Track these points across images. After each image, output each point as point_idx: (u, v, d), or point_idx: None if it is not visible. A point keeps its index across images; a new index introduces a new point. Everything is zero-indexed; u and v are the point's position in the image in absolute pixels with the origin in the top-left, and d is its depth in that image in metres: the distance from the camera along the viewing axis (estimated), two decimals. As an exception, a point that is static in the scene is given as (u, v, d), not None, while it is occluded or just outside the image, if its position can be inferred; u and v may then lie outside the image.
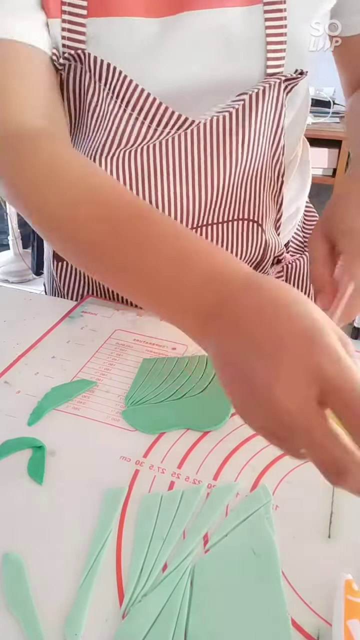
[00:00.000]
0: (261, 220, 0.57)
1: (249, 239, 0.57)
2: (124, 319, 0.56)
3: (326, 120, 2.01)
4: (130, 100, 0.46)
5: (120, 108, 0.47)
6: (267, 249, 0.58)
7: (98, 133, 0.50)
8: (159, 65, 0.47)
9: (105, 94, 0.47)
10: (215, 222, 0.55)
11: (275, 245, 0.60)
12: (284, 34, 0.47)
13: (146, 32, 0.45)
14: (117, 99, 0.47)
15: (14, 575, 0.31)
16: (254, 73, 0.48)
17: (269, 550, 0.32)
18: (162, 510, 0.34)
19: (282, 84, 0.49)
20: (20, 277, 2.53)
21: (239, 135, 0.50)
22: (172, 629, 0.28)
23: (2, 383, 0.47)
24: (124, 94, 0.46)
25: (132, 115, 0.47)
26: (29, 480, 0.37)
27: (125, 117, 0.47)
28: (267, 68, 0.48)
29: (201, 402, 0.43)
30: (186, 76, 0.47)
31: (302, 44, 0.48)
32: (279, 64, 0.48)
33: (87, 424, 0.42)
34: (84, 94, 0.49)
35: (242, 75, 0.48)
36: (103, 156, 0.50)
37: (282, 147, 0.53)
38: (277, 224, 0.60)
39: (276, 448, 0.30)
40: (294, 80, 0.49)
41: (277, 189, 0.57)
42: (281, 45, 0.47)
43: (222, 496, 0.35)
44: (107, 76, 0.46)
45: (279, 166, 0.55)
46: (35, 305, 0.60)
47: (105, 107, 0.48)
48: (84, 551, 0.32)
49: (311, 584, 0.30)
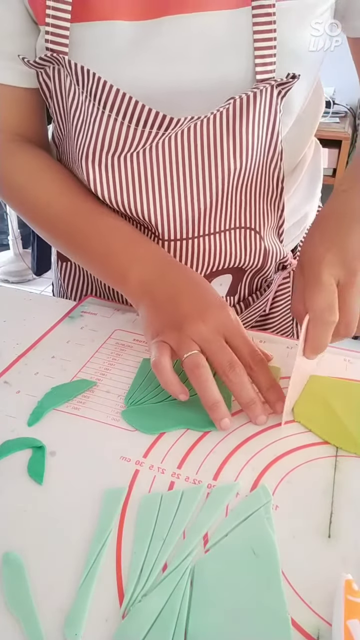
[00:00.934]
0: (259, 228, 0.56)
1: (247, 247, 0.56)
2: (124, 319, 0.56)
3: (326, 120, 2.01)
4: (107, 102, 0.46)
5: (98, 110, 0.47)
6: (267, 257, 0.57)
7: (81, 136, 0.50)
8: (142, 69, 0.46)
9: (84, 97, 0.47)
10: (211, 233, 0.54)
11: (278, 252, 0.59)
12: (274, 38, 0.46)
13: (128, 36, 0.45)
14: (95, 101, 0.46)
15: (14, 575, 0.31)
16: (242, 77, 0.47)
17: (269, 550, 0.32)
18: (162, 510, 0.34)
19: (274, 89, 0.48)
20: (20, 277, 2.53)
21: (231, 141, 0.49)
22: (172, 629, 0.28)
23: (2, 383, 0.47)
24: (100, 96, 0.46)
25: (111, 117, 0.47)
26: (29, 480, 0.37)
27: (104, 119, 0.47)
28: (256, 73, 0.47)
29: (201, 402, 0.43)
30: (170, 80, 0.47)
31: (296, 47, 0.47)
32: (269, 69, 0.47)
33: (87, 424, 0.42)
34: (66, 97, 0.50)
35: (229, 80, 0.47)
36: (89, 161, 0.49)
37: (279, 153, 0.52)
38: (280, 230, 0.59)
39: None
40: (286, 84, 0.47)
41: (276, 195, 0.56)
42: (270, 50, 0.46)
43: (222, 496, 0.35)
44: (84, 79, 0.46)
45: (277, 172, 0.54)
46: (35, 305, 0.60)
47: (85, 109, 0.48)
48: (84, 551, 0.32)
49: (311, 584, 0.30)
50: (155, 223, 0.52)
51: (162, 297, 0.46)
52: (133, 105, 0.45)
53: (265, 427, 0.41)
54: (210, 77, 0.47)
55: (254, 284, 0.61)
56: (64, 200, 0.52)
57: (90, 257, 0.52)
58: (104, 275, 0.52)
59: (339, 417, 0.42)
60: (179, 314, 0.44)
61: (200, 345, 0.42)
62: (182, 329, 0.43)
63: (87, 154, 0.49)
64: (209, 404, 0.40)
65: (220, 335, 0.43)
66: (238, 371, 0.41)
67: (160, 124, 0.46)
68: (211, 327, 0.43)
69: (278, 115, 0.50)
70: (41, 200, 0.53)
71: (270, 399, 0.42)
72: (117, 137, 0.48)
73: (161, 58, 0.46)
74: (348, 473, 0.38)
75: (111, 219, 0.52)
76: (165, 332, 0.44)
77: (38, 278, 2.43)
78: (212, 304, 0.45)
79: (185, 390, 0.42)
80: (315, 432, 0.41)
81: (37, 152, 0.55)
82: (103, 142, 0.48)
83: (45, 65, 0.48)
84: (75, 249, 0.53)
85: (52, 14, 0.45)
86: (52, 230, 0.54)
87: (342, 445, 0.40)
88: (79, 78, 0.46)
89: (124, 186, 0.50)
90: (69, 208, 0.52)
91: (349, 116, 2.13)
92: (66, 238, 0.53)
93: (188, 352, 0.42)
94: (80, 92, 0.47)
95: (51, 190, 0.53)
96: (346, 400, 0.44)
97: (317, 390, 0.45)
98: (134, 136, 0.47)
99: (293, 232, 0.65)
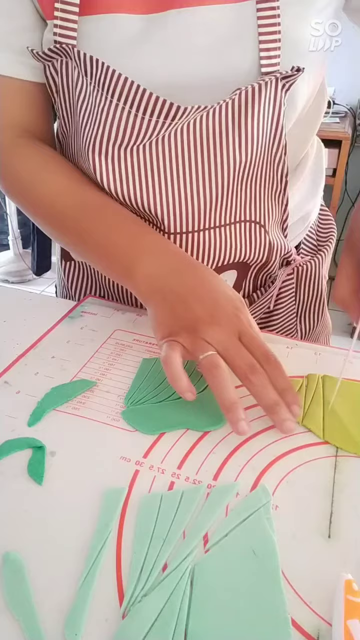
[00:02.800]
0: (264, 222, 0.56)
1: (251, 241, 0.56)
2: (124, 319, 0.56)
3: (326, 120, 2.00)
4: (116, 90, 0.46)
5: (106, 99, 0.47)
6: (272, 251, 0.58)
7: (88, 127, 0.50)
8: (146, 61, 0.47)
9: (92, 88, 0.48)
10: (215, 226, 0.54)
11: (282, 246, 0.59)
12: (278, 31, 0.46)
13: (134, 29, 0.46)
14: (103, 90, 0.47)
15: (14, 575, 0.31)
16: (247, 70, 0.47)
17: (269, 550, 0.32)
18: (162, 511, 0.34)
19: (279, 82, 0.48)
20: (20, 277, 2.53)
21: (237, 133, 0.49)
22: (172, 629, 0.28)
23: (2, 383, 0.47)
24: (109, 84, 0.46)
25: (119, 105, 0.47)
26: (29, 480, 0.37)
27: (112, 107, 0.47)
28: (261, 66, 0.47)
29: (201, 402, 0.43)
30: (174, 73, 0.47)
31: (299, 41, 0.47)
32: (273, 62, 0.47)
33: (87, 424, 0.42)
34: (73, 89, 0.50)
35: (234, 73, 0.47)
36: (96, 153, 0.49)
37: (283, 146, 0.53)
38: (284, 225, 0.59)
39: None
40: (291, 77, 0.48)
41: (280, 189, 0.56)
42: (275, 43, 0.46)
43: (222, 496, 0.35)
44: (92, 69, 0.46)
45: (281, 166, 0.54)
46: (35, 305, 0.60)
47: (93, 100, 0.48)
48: (84, 551, 0.32)
49: (311, 584, 0.30)
50: (160, 216, 0.52)
51: (173, 297, 0.44)
52: (141, 93, 0.46)
53: (265, 427, 0.41)
54: (215, 70, 0.47)
55: (259, 279, 0.61)
56: (70, 194, 0.52)
57: (95, 251, 0.51)
58: (110, 270, 0.51)
59: (339, 417, 0.42)
60: (191, 316, 0.43)
61: (218, 349, 0.42)
62: (197, 332, 0.42)
63: (94, 145, 0.49)
64: (227, 404, 0.39)
65: (236, 337, 0.42)
66: (259, 374, 0.40)
67: (167, 113, 0.46)
68: (226, 330, 0.42)
69: (282, 108, 0.50)
70: (47, 196, 0.53)
71: (286, 401, 0.40)
72: (124, 127, 0.48)
73: (166, 51, 0.46)
74: (348, 473, 0.38)
75: (118, 212, 0.51)
76: (180, 333, 0.43)
77: (38, 278, 2.43)
78: (225, 306, 0.43)
79: (193, 389, 0.41)
80: (315, 432, 0.41)
81: (43, 147, 0.55)
82: (110, 132, 0.48)
83: (53, 58, 0.48)
84: (80, 244, 0.52)
85: (61, 8, 0.46)
86: (57, 226, 0.53)
87: (342, 445, 0.40)
88: (87, 68, 0.46)
89: (130, 178, 0.50)
90: (75, 202, 0.51)
91: (349, 116, 2.13)
92: (72, 233, 0.52)
93: (205, 353, 0.41)
94: (88, 83, 0.48)
95: (57, 185, 0.53)
96: (346, 400, 0.44)
97: (317, 390, 0.45)
98: (141, 126, 0.47)
99: (296, 229, 0.66)
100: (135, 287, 0.48)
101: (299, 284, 0.65)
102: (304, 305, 0.67)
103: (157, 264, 0.47)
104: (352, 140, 2.07)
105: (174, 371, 0.41)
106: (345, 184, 2.24)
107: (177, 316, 0.44)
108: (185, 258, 0.48)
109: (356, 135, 2.17)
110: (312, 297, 0.67)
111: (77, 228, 0.51)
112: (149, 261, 0.47)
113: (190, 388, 0.41)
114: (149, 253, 0.47)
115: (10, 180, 0.55)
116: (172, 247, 0.49)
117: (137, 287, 0.47)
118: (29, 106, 0.55)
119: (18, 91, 0.53)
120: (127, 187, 0.51)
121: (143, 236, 0.49)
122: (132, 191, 0.51)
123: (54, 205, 0.52)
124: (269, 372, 0.41)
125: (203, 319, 0.43)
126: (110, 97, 0.47)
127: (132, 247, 0.48)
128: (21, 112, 0.55)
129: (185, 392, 0.41)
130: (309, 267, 0.65)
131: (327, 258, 0.68)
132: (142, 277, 0.47)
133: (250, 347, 0.42)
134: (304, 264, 0.64)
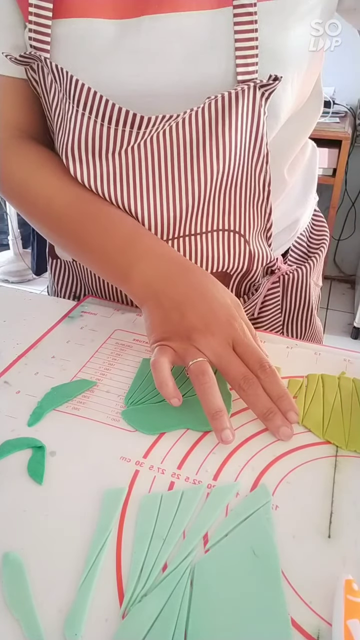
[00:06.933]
0: (244, 231, 0.55)
1: (230, 251, 0.55)
2: (124, 319, 0.56)
3: (326, 120, 2.00)
4: (80, 100, 0.46)
5: (74, 109, 0.47)
6: (252, 260, 0.56)
7: (61, 134, 0.50)
8: (121, 69, 0.46)
9: (61, 95, 0.48)
10: (193, 234, 0.53)
11: (264, 255, 0.57)
12: (255, 38, 0.45)
13: (108, 35, 0.46)
14: (70, 99, 0.47)
15: (14, 575, 0.31)
16: (222, 78, 0.46)
17: (269, 550, 0.32)
18: (162, 511, 0.34)
19: (257, 90, 0.47)
20: (20, 277, 2.53)
21: (213, 142, 0.48)
22: (172, 629, 0.28)
23: (2, 383, 0.47)
24: (74, 94, 0.46)
25: (85, 115, 0.47)
26: (29, 480, 0.37)
27: (79, 117, 0.47)
28: (237, 74, 0.46)
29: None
30: (149, 80, 0.46)
31: (278, 50, 0.46)
32: (250, 69, 0.46)
33: (87, 424, 0.42)
34: (48, 94, 0.50)
35: (209, 81, 0.46)
36: (69, 159, 0.49)
37: (264, 156, 0.51)
38: (267, 234, 0.57)
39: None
40: (269, 86, 0.47)
41: (263, 198, 0.54)
42: (252, 51, 0.45)
43: (222, 496, 0.35)
44: (60, 78, 0.46)
45: (263, 175, 0.52)
46: (35, 305, 0.60)
47: (63, 107, 0.48)
48: (84, 551, 0.32)
49: (311, 584, 0.30)
50: (139, 219, 0.51)
51: (168, 303, 0.44)
52: (104, 104, 0.45)
53: (265, 427, 0.41)
54: (189, 77, 0.46)
55: (242, 288, 0.60)
56: (65, 196, 0.51)
57: (91, 254, 0.51)
58: (106, 273, 0.51)
59: (338, 416, 0.42)
60: (185, 325, 0.43)
61: (211, 358, 0.42)
62: (190, 340, 0.43)
63: (67, 151, 0.49)
64: (212, 412, 0.39)
65: (230, 346, 0.43)
66: (252, 383, 0.41)
67: (132, 122, 0.46)
68: (220, 339, 0.42)
69: (262, 117, 0.49)
70: (42, 197, 0.52)
71: (282, 408, 0.41)
72: (93, 136, 0.47)
73: (140, 58, 0.46)
74: (348, 473, 0.38)
75: (113, 213, 0.50)
76: (173, 338, 0.43)
77: (38, 278, 2.43)
78: (219, 315, 0.43)
79: (179, 395, 0.41)
80: (315, 432, 0.41)
81: (38, 147, 0.55)
82: (80, 140, 0.48)
83: (29, 62, 0.48)
84: (76, 246, 0.52)
85: (34, 12, 0.46)
86: (53, 228, 0.53)
87: (342, 445, 0.40)
88: (56, 77, 0.46)
89: (105, 181, 0.50)
90: (70, 204, 0.51)
91: (349, 116, 2.13)
92: (67, 235, 0.52)
93: (194, 359, 0.42)
94: (58, 90, 0.48)
95: (52, 186, 0.52)
96: (346, 399, 0.44)
97: (317, 390, 0.45)
98: (109, 135, 0.47)
99: (283, 238, 0.64)
100: (131, 291, 0.48)
101: (285, 291, 0.64)
102: (291, 312, 0.66)
103: (153, 269, 0.47)
104: (352, 140, 2.07)
105: (161, 376, 0.41)
106: (345, 184, 2.24)
107: (172, 322, 0.44)
108: (181, 262, 0.48)
109: (356, 135, 2.17)
110: (300, 305, 0.66)
111: (72, 230, 0.51)
112: (145, 266, 0.47)
113: (176, 394, 0.41)
114: (145, 257, 0.47)
115: (6, 182, 0.55)
116: (168, 251, 0.49)
117: (133, 292, 0.48)
118: (22, 104, 0.54)
119: (10, 89, 0.52)
120: (107, 188, 0.50)
121: (139, 239, 0.49)
122: (112, 193, 0.50)
123: (50, 206, 0.51)
124: (263, 380, 0.41)
125: (197, 327, 0.43)
126: (76, 106, 0.47)
127: (127, 251, 0.48)
128: (14, 110, 0.54)
129: (171, 398, 0.41)
130: (296, 275, 0.63)
131: (317, 265, 0.66)
132: (138, 281, 0.47)
133: (244, 356, 0.42)
134: (290, 272, 0.63)
